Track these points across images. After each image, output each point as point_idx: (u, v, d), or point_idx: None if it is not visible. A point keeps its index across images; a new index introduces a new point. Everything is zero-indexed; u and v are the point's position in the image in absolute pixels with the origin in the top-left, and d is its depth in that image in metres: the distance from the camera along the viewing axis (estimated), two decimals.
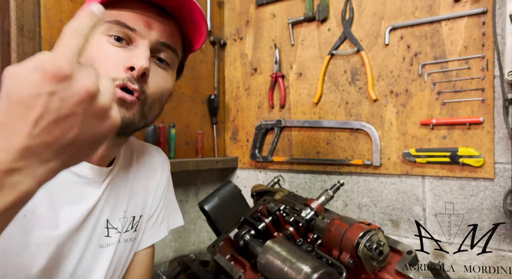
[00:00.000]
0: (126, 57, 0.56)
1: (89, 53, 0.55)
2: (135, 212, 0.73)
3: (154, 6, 0.58)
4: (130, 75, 0.55)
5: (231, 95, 1.51)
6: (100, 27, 0.56)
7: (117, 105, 0.54)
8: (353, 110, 1.20)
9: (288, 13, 1.33)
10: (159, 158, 0.82)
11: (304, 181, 1.32)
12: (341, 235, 0.76)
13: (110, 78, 0.53)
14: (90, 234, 0.64)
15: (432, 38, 1.06)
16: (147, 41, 0.57)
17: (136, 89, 0.56)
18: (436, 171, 1.06)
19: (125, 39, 0.57)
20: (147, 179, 0.77)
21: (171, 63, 0.62)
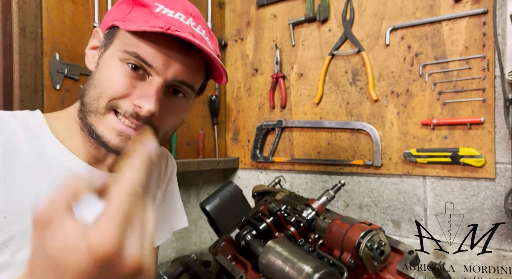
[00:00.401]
0: (138, 91, 0.54)
1: (103, 74, 0.56)
2: None
3: (179, 41, 0.55)
4: (136, 112, 0.54)
5: (232, 96, 1.51)
6: (118, 52, 0.55)
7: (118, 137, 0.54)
8: (354, 111, 1.20)
9: (289, 13, 1.33)
10: (170, 164, 0.82)
11: (305, 182, 1.32)
12: (342, 235, 0.76)
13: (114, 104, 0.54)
14: None
15: (433, 39, 1.06)
16: (162, 80, 0.55)
17: (140, 124, 0.55)
18: (437, 171, 1.06)
19: (142, 69, 0.55)
20: (158, 182, 0.77)
21: (188, 95, 0.60)
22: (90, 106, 0.55)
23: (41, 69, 0.94)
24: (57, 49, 0.96)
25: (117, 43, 0.56)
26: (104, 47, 0.58)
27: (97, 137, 0.55)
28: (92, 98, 0.55)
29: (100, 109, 0.55)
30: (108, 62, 0.56)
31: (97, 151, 0.60)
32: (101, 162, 0.62)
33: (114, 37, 0.56)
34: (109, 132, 0.55)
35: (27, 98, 0.90)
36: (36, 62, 0.93)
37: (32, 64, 0.92)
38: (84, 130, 0.58)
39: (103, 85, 0.55)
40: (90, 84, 0.56)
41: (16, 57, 0.91)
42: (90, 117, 0.56)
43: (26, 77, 0.91)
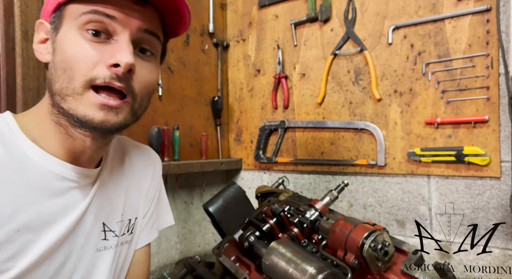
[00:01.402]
0: (108, 53, 0.52)
1: (65, 53, 0.52)
2: (131, 214, 0.72)
3: None
4: (114, 73, 0.52)
5: (235, 97, 1.51)
6: (75, 21, 0.52)
7: (102, 111, 0.52)
8: (357, 110, 1.19)
9: (291, 14, 1.33)
10: (151, 158, 0.80)
11: (309, 182, 1.32)
12: (346, 235, 0.76)
13: (89, 78, 0.51)
14: (86, 238, 0.62)
15: (436, 37, 1.05)
16: (128, 33, 0.53)
17: (123, 87, 0.53)
18: (442, 171, 1.05)
19: (104, 33, 0.53)
20: (140, 180, 0.75)
21: (155, 52, 0.58)
22: (66, 90, 0.52)
23: (43, 72, 0.94)
24: None
25: (69, 18, 0.53)
26: (55, 31, 0.55)
27: (79, 119, 0.52)
28: (65, 82, 0.52)
29: (78, 89, 0.52)
30: (67, 39, 0.53)
31: (75, 145, 0.57)
32: (79, 158, 0.59)
33: (63, 16, 0.54)
34: (92, 109, 0.52)
35: (29, 101, 0.90)
36: (38, 65, 0.93)
37: (35, 67, 0.93)
38: (61, 122, 0.55)
39: (71, 64, 0.52)
40: (57, 69, 0.53)
41: (18, 61, 0.91)
42: (67, 101, 0.52)
43: (28, 81, 0.92)
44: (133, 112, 0.56)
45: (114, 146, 0.71)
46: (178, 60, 1.32)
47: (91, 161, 0.62)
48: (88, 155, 0.60)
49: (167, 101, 1.28)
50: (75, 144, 0.57)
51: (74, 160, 0.59)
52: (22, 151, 0.55)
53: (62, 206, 0.58)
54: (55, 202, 0.57)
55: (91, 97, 0.52)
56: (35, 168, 0.55)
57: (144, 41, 0.56)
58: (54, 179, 0.57)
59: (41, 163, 0.56)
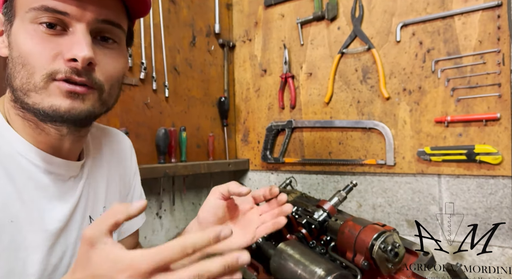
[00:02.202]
0: (65, 46, 0.49)
1: (21, 48, 0.50)
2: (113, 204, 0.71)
3: None
4: (73, 67, 0.49)
5: (241, 97, 1.51)
6: (26, 15, 0.49)
7: (70, 100, 0.50)
8: (365, 109, 1.18)
9: (297, 13, 1.32)
10: (126, 143, 0.78)
11: (317, 182, 1.31)
12: (355, 237, 0.75)
13: (49, 71, 0.49)
14: (78, 232, 0.61)
15: (445, 34, 1.03)
16: (84, 25, 0.50)
17: (84, 81, 0.50)
18: (453, 170, 1.03)
19: (59, 25, 0.50)
20: (119, 168, 0.74)
21: (118, 39, 0.55)
22: (28, 85, 0.50)
23: None
24: None
25: (20, 10, 0.50)
26: (9, 23, 0.52)
27: (45, 112, 0.50)
28: (24, 78, 0.50)
29: (39, 84, 0.49)
30: (21, 33, 0.50)
31: (50, 139, 0.55)
32: (58, 150, 0.57)
33: (14, 7, 0.51)
34: (58, 98, 0.50)
35: None
36: None
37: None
38: (28, 117, 0.53)
39: (29, 59, 0.49)
40: (16, 64, 0.50)
41: None
42: (31, 97, 0.50)
43: None
44: (102, 101, 0.54)
45: (91, 136, 0.69)
46: (185, 61, 1.32)
47: (71, 154, 0.60)
48: (66, 148, 0.58)
49: (174, 102, 1.28)
50: (50, 138, 0.55)
51: (54, 153, 0.57)
52: (7, 142, 0.54)
53: (50, 200, 0.57)
54: (42, 196, 0.56)
55: (56, 85, 0.50)
56: (19, 160, 0.54)
57: (103, 31, 0.53)
58: (39, 172, 0.55)
59: (26, 155, 0.54)
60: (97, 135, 0.72)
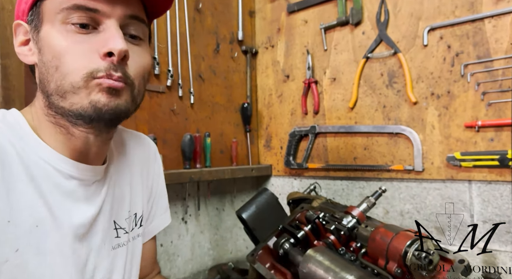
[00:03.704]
0: (99, 43, 0.50)
1: (55, 50, 0.50)
2: (136, 208, 0.71)
3: None
4: (110, 62, 0.50)
5: (264, 103, 1.51)
6: (58, 16, 0.50)
7: (107, 95, 0.50)
8: (391, 114, 1.16)
9: (321, 18, 1.32)
10: (151, 147, 0.79)
11: (341, 188, 1.29)
12: (387, 244, 0.74)
13: (90, 70, 0.49)
14: (103, 237, 0.62)
15: (475, 37, 1.01)
16: (115, 20, 0.51)
17: (120, 76, 0.51)
18: (484, 176, 1.01)
19: (90, 24, 0.51)
20: (142, 172, 0.74)
21: (143, 36, 0.57)
22: (63, 86, 0.50)
23: None
24: None
25: (49, 14, 0.51)
26: (36, 30, 0.53)
27: (86, 112, 0.50)
28: (59, 80, 0.50)
29: (78, 83, 0.50)
30: (53, 36, 0.51)
31: (78, 144, 0.56)
32: (85, 156, 0.58)
33: (42, 13, 0.52)
34: (97, 95, 0.50)
35: None
36: None
37: None
38: (60, 123, 0.54)
39: (64, 59, 0.50)
40: (48, 68, 0.51)
41: None
42: (67, 98, 0.51)
43: None
44: (132, 98, 0.55)
45: (115, 140, 0.70)
46: (209, 68, 1.34)
47: (97, 158, 0.61)
48: (93, 153, 0.59)
49: (199, 108, 1.30)
50: (79, 143, 0.56)
51: (80, 158, 0.58)
52: (32, 148, 0.54)
53: (75, 205, 0.57)
54: (66, 201, 0.56)
55: (97, 83, 0.50)
56: (43, 166, 0.54)
57: (131, 27, 0.54)
58: (62, 177, 0.56)
59: (49, 160, 0.55)
60: (122, 138, 0.73)
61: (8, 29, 0.88)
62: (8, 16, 0.87)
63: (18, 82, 0.90)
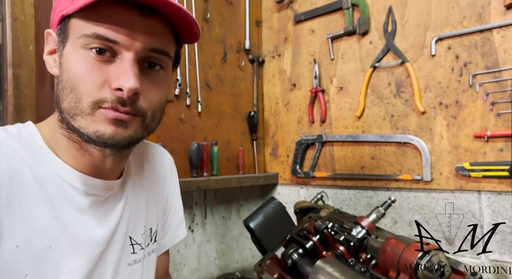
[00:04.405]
0: (112, 74, 0.50)
1: (71, 72, 0.51)
2: (152, 223, 0.70)
3: (137, 5, 0.50)
4: (119, 97, 0.50)
5: (270, 111, 1.51)
6: (78, 40, 0.50)
7: (114, 126, 0.50)
8: (399, 123, 1.16)
9: (327, 28, 1.33)
10: (167, 159, 0.78)
11: (349, 197, 1.29)
12: (398, 255, 0.73)
13: (96, 99, 0.49)
14: (119, 254, 0.61)
15: (483, 47, 1.01)
16: (133, 53, 0.50)
17: (128, 110, 0.51)
18: (494, 186, 1.00)
19: (108, 51, 0.50)
20: (158, 185, 0.74)
21: (165, 65, 0.56)
22: (75, 109, 0.51)
23: None
24: None
25: (73, 33, 0.51)
26: (61, 44, 0.53)
27: (89, 137, 0.51)
28: (72, 102, 0.51)
29: (86, 110, 0.50)
30: (71, 57, 0.51)
31: (93, 160, 0.56)
32: (100, 171, 0.57)
33: (68, 29, 0.52)
34: (103, 125, 0.50)
35: None
36: None
37: None
38: (73, 138, 0.54)
39: (77, 85, 0.50)
40: (64, 88, 0.51)
41: None
42: (76, 120, 0.51)
43: None
44: (144, 127, 0.55)
45: (133, 154, 0.69)
46: (216, 76, 1.35)
47: (112, 173, 0.60)
48: (108, 168, 0.58)
49: (206, 117, 1.30)
50: (93, 159, 0.56)
51: (95, 173, 0.57)
52: (46, 164, 0.54)
53: (90, 222, 0.57)
54: (82, 218, 0.56)
55: (102, 112, 0.50)
56: (57, 181, 0.54)
57: (151, 58, 0.54)
58: (77, 194, 0.56)
59: (63, 176, 0.55)
60: (139, 152, 0.72)
61: (20, 39, 0.89)
62: (21, 27, 0.89)
63: (29, 91, 0.91)
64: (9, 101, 0.88)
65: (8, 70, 0.88)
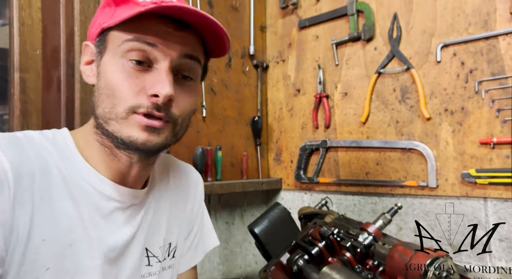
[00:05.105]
0: (149, 83, 0.54)
1: (109, 80, 0.54)
2: (171, 238, 0.71)
3: (173, 20, 0.55)
4: (154, 102, 0.53)
5: (274, 116, 1.52)
6: (118, 49, 0.54)
7: (147, 132, 0.53)
8: (404, 129, 1.16)
9: (332, 34, 1.33)
10: (194, 177, 0.80)
11: (353, 203, 1.28)
12: (406, 262, 0.72)
13: (132, 105, 0.53)
14: (133, 263, 0.62)
15: (489, 54, 1.02)
16: (169, 61, 0.54)
17: (162, 116, 0.54)
18: (500, 193, 1.00)
19: (146, 62, 0.55)
20: (183, 201, 0.75)
21: (195, 76, 0.60)
22: (109, 114, 0.54)
23: None
24: None
25: (113, 44, 0.55)
26: (99, 55, 0.57)
27: (123, 140, 0.54)
28: (107, 108, 0.54)
29: (121, 114, 0.53)
30: (110, 66, 0.55)
31: (121, 166, 0.59)
32: (125, 178, 0.60)
33: (107, 41, 0.56)
34: (136, 130, 0.54)
35: None
36: None
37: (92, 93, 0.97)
38: (105, 143, 0.57)
39: (115, 91, 0.53)
40: (101, 94, 0.55)
41: (77, 86, 0.96)
42: (110, 125, 0.54)
43: (85, 105, 0.96)
44: (174, 133, 0.58)
45: (159, 165, 0.72)
46: (221, 81, 1.35)
47: (137, 182, 0.63)
48: (134, 176, 0.61)
49: (210, 122, 1.30)
50: (121, 165, 0.59)
51: (121, 180, 0.60)
52: (77, 168, 0.57)
53: (110, 227, 0.58)
54: (103, 222, 0.58)
55: (136, 118, 0.54)
56: (84, 186, 0.57)
57: (184, 67, 0.57)
58: (101, 199, 0.58)
59: (91, 181, 0.57)
60: (166, 166, 0.74)
61: (27, 43, 0.89)
62: (28, 31, 0.89)
63: (36, 96, 0.91)
64: (16, 105, 0.88)
65: (15, 74, 0.88)
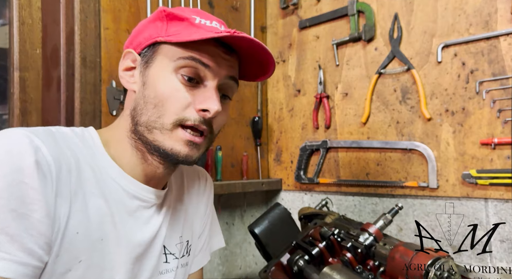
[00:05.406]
0: (198, 98, 0.57)
1: (158, 90, 0.57)
2: (188, 236, 0.74)
3: (222, 44, 0.60)
4: (202, 117, 0.57)
5: (274, 117, 1.51)
6: (171, 63, 0.57)
7: (189, 148, 0.56)
8: (405, 130, 1.16)
9: (332, 34, 1.33)
10: (205, 179, 0.83)
11: (353, 204, 1.28)
12: (407, 263, 0.72)
13: (180, 118, 0.56)
14: (155, 260, 0.64)
15: (490, 55, 1.02)
16: (217, 81, 0.59)
17: (205, 129, 0.58)
18: (501, 194, 0.99)
19: (196, 79, 0.58)
20: (198, 202, 0.79)
21: (231, 95, 0.65)
22: (155, 123, 0.57)
23: (99, 96, 0.98)
24: (113, 77, 1.01)
25: (165, 57, 0.58)
26: (145, 64, 0.59)
27: (165, 151, 0.57)
28: (154, 116, 0.57)
29: (167, 125, 0.56)
30: (161, 78, 0.57)
31: (148, 169, 0.61)
32: (149, 180, 0.63)
33: (157, 53, 0.58)
34: (179, 144, 0.57)
35: (87, 124, 0.94)
36: (95, 89, 0.98)
37: (92, 92, 0.97)
38: (139, 147, 0.60)
39: (164, 102, 0.56)
40: (147, 103, 0.57)
41: (77, 86, 0.96)
42: (153, 133, 0.57)
43: (86, 104, 0.96)
44: (206, 147, 0.62)
45: (178, 169, 0.75)
46: None
47: (159, 183, 0.65)
48: (158, 179, 0.64)
49: None
50: (148, 168, 0.62)
51: (146, 181, 0.62)
52: (103, 166, 0.58)
53: (135, 224, 0.61)
54: (130, 220, 0.60)
55: (180, 133, 0.57)
56: (111, 184, 0.58)
57: (226, 86, 0.61)
58: (127, 197, 0.60)
59: (117, 180, 0.59)
60: (180, 169, 0.77)
61: (27, 42, 0.89)
62: (28, 30, 0.89)
63: (36, 95, 0.90)
64: (16, 104, 0.87)
65: (15, 73, 0.88)
